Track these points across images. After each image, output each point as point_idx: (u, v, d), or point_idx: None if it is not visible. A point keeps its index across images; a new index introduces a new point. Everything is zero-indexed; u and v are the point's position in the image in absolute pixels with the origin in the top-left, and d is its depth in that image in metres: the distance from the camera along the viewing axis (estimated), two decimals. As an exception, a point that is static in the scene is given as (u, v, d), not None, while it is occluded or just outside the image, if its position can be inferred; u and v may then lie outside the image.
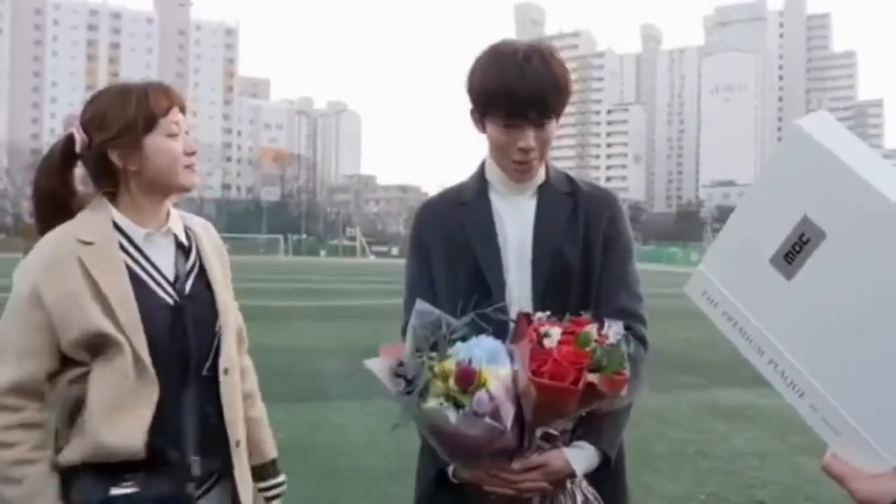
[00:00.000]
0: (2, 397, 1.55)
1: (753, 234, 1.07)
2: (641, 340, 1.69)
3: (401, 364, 1.50)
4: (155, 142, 1.64)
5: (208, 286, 1.73)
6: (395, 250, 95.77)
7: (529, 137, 1.68)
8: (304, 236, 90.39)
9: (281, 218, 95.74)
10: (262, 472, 1.90)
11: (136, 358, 1.57)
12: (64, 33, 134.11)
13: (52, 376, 1.60)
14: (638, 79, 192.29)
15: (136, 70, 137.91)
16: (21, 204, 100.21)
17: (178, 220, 1.76)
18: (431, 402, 1.44)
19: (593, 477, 1.69)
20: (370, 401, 7.30)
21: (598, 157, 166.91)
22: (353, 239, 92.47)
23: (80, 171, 1.69)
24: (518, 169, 1.74)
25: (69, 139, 1.65)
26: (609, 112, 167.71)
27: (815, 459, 1.08)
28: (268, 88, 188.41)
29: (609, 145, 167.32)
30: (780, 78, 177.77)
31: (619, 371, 1.46)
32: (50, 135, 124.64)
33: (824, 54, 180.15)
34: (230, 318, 1.74)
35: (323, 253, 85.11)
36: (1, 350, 1.58)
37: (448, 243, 1.79)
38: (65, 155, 1.66)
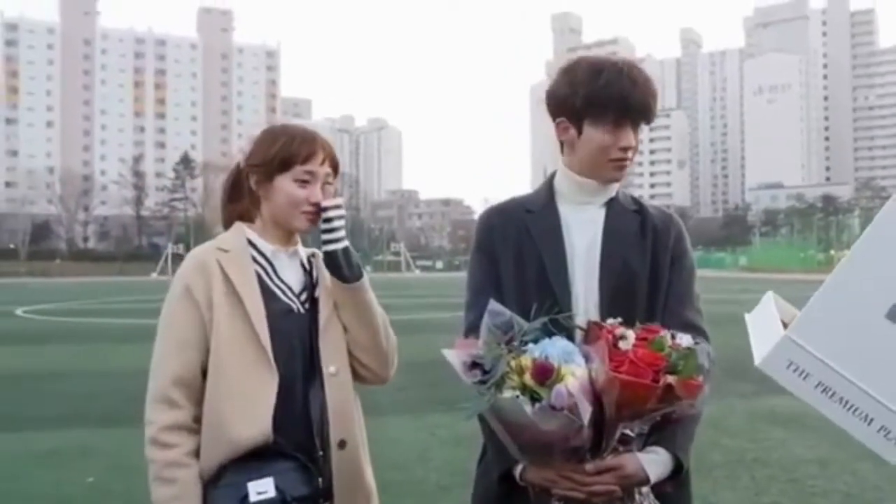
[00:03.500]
0: (166, 389, 1.71)
1: (863, 292, 1.03)
2: (708, 356, 1.71)
3: (478, 354, 1.53)
4: (283, 183, 1.82)
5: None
6: (439, 264, 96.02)
7: (631, 137, 1.79)
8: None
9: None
10: None
11: (259, 347, 1.73)
12: (111, 62, 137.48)
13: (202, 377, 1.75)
14: (679, 83, 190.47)
15: (182, 95, 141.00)
16: (74, 229, 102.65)
17: (302, 249, 1.96)
18: (507, 393, 1.46)
19: (660, 491, 1.69)
20: (422, 415, 7.31)
21: (641, 163, 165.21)
22: (397, 254, 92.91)
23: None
24: (617, 166, 1.81)
25: (237, 163, 1.96)
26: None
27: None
28: (309, 108, 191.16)
29: (652, 151, 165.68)
30: (825, 77, 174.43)
31: (694, 377, 1.48)
32: (100, 161, 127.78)
33: (870, 51, 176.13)
34: (337, 331, 1.87)
35: (368, 269, 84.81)
36: (164, 345, 1.77)
37: (516, 248, 1.83)
38: (233, 176, 1.95)
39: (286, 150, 1.83)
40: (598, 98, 1.76)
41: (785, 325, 1.18)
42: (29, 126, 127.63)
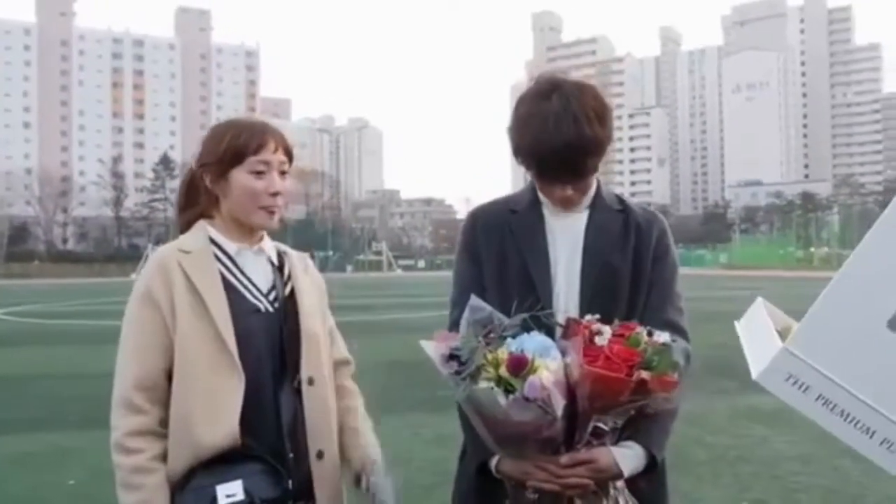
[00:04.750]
0: (129, 392, 1.69)
1: (863, 301, 1.02)
2: (685, 354, 1.73)
3: (455, 347, 1.56)
4: (239, 176, 1.80)
5: (297, 305, 1.86)
6: (421, 263, 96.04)
7: (567, 189, 1.77)
8: (331, 253, 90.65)
9: (307, 235, 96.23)
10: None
11: (224, 348, 1.71)
12: (89, 63, 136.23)
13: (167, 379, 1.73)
14: (658, 81, 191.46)
15: (161, 95, 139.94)
16: (53, 230, 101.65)
17: (271, 245, 1.92)
18: (483, 384, 1.49)
19: (635, 486, 1.70)
20: (403, 415, 7.28)
21: (621, 161, 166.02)
22: (379, 254, 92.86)
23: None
24: (562, 206, 1.83)
25: (190, 167, 1.91)
26: (631, 116, 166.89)
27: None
28: (289, 108, 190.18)
29: (632, 149, 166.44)
30: (803, 74, 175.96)
31: (669, 373, 1.50)
32: (79, 162, 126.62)
33: (847, 48, 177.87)
34: (315, 333, 1.85)
35: (350, 269, 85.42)
36: (125, 349, 1.74)
37: (499, 247, 1.85)
38: (187, 181, 1.91)
39: (236, 142, 1.79)
40: (520, 153, 1.76)
41: (778, 334, 1.17)
42: (6, 127, 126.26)
